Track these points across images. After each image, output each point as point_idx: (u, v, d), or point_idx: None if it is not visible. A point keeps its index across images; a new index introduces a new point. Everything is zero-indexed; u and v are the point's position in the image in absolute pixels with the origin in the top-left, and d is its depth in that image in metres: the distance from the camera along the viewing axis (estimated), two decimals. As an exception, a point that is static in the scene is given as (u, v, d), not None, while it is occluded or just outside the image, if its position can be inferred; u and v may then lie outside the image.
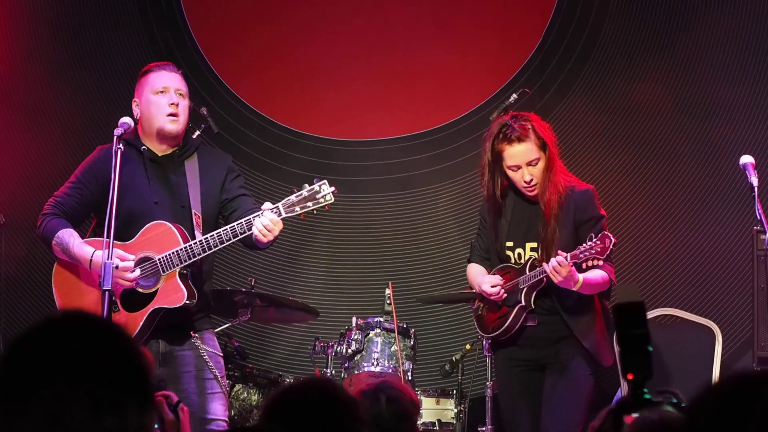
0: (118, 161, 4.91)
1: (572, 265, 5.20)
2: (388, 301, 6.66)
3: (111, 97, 7.85)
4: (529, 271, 5.44)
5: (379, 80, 7.86)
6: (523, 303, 5.46)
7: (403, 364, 6.52)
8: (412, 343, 6.67)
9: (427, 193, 7.77)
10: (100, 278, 4.80)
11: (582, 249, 5.17)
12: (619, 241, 7.12)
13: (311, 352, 6.79)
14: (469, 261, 5.85)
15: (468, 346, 6.76)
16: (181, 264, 5.03)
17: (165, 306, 5.07)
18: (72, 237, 5.15)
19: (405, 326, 6.70)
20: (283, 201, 4.96)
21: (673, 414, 2.08)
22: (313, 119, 7.85)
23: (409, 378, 6.53)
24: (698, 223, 7.35)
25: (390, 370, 6.52)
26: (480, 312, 5.73)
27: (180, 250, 5.03)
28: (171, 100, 5.24)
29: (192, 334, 5.16)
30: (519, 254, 5.56)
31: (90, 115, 7.81)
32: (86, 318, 2.02)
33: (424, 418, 6.54)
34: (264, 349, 7.84)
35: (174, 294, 5.06)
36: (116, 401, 1.90)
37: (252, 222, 4.95)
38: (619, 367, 6.23)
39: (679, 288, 7.30)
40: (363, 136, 7.88)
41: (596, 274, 5.35)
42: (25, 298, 7.69)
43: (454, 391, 6.68)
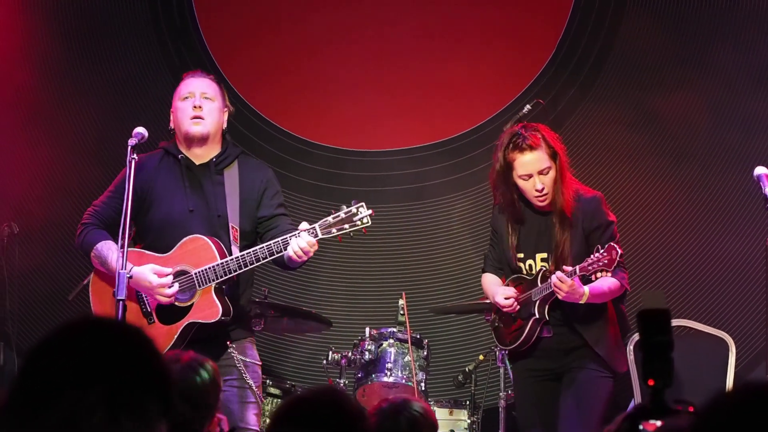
0: (131, 171, 4.94)
1: (579, 278, 5.19)
2: (401, 312, 6.65)
3: (124, 107, 7.87)
4: (541, 282, 5.44)
5: (393, 91, 7.86)
6: (537, 315, 5.45)
7: (416, 374, 6.51)
8: (425, 353, 6.66)
9: (440, 203, 7.76)
10: (137, 293, 5.03)
11: (589, 262, 5.15)
12: (633, 251, 7.13)
13: (324, 362, 6.79)
14: (484, 271, 5.85)
15: (481, 357, 6.75)
16: (217, 279, 5.05)
17: (200, 321, 5.10)
18: (110, 251, 5.18)
19: (418, 337, 6.70)
20: (320, 222, 4.95)
21: None
22: (327, 129, 7.85)
23: (423, 388, 6.52)
24: (712, 234, 7.33)
25: (403, 381, 6.51)
26: (496, 324, 5.73)
27: (216, 265, 5.04)
28: (194, 103, 5.28)
29: (229, 344, 5.18)
30: (530, 265, 5.56)
31: (102, 125, 7.82)
32: (103, 322, 2.02)
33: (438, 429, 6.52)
34: (277, 359, 7.84)
35: (209, 309, 5.08)
36: (135, 404, 1.90)
37: (288, 242, 4.96)
38: (632, 373, 6.22)
39: (693, 299, 7.28)
40: (376, 146, 7.88)
41: (604, 283, 5.32)
42: (38, 307, 7.70)
43: (468, 402, 6.68)
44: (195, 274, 5.07)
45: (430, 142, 7.82)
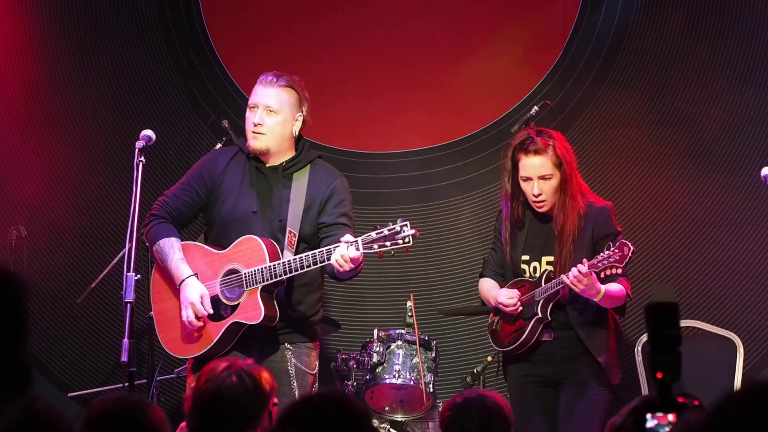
0: (139, 174, 4.98)
1: (593, 274, 5.20)
2: (409, 314, 6.66)
3: (132, 110, 7.87)
4: (545, 283, 5.45)
5: (400, 92, 7.85)
6: (540, 315, 5.46)
7: (424, 376, 6.51)
8: (433, 355, 6.66)
9: (448, 205, 7.75)
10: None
11: (601, 257, 5.18)
12: (641, 253, 7.11)
13: (333, 364, 6.79)
14: (481, 275, 5.86)
15: (489, 358, 6.72)
16: (263, 282, 5.09)
17: (242, 321, 5.14)
18: (172, 249, 5.25)
19: (426, 338, 6.70)
20: (363, 236, 4.98)
21: None
22: (334, 131, 7.84)
23: (431, 390, 6.52)
24: (720, 235, 7.31)
25: (412, 383, 6.51)
26: (495, 327, 5.73)
27: (264, 268, 5.09)
28: (253, 119, 5.33)
29: (286, 345, 5.24)
30: (534, 268, 5.58)
31: (111, 128, 7.82)
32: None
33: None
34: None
35: (252, 311, 5.14)
36: None
37: (332, 252, 4.98)
38: (639, 369, 6.18)
39: (701, 300, 7.26)
40: (384, 148, 7.87)
41: (616, 288, 5.36)
42: (46, 310, 7.70)
43: (476, 403, 6.66)
44: (244, 274, 5.13)
45: (437, 144, 7.81)
